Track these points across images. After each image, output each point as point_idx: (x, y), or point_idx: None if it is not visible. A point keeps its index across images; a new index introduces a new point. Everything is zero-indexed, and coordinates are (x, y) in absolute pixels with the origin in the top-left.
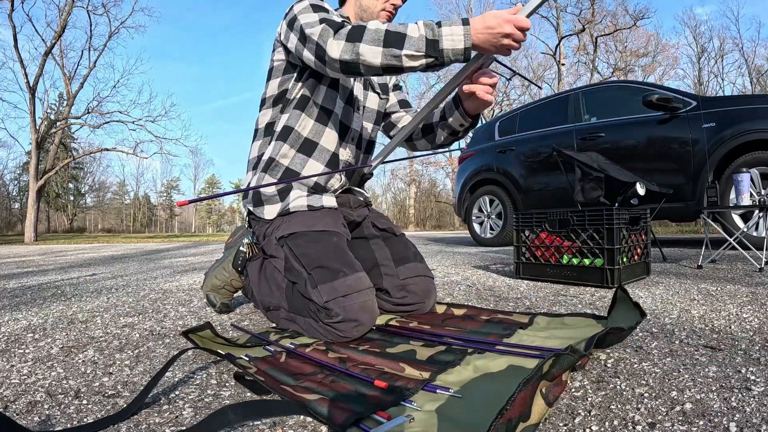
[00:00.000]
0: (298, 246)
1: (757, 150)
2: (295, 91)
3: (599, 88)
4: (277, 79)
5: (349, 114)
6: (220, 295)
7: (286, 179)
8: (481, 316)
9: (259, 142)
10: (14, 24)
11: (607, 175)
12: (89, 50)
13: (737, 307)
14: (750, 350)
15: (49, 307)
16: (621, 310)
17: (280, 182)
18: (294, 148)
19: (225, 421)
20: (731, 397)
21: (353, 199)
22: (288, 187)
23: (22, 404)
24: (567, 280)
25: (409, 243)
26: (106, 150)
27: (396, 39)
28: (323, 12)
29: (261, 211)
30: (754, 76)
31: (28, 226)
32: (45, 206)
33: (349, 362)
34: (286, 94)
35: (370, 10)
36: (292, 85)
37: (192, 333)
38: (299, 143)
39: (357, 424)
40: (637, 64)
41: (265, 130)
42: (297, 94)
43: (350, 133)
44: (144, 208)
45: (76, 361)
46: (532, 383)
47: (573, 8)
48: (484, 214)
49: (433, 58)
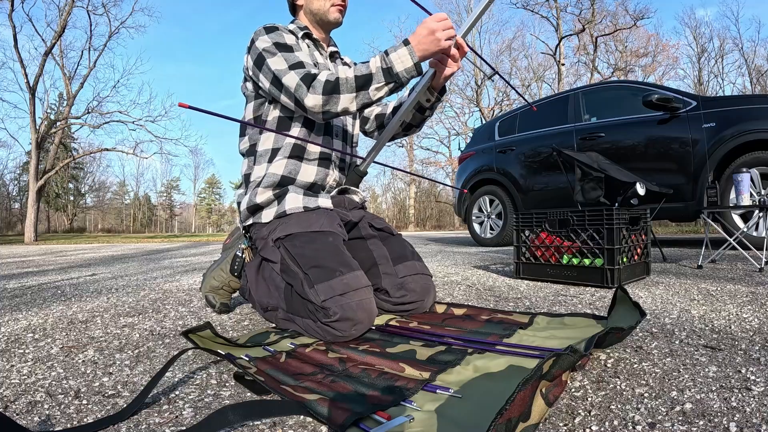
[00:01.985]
0: (295, 246)
1: (757, 150)
2: (270, 114)
3: (599, 88)
4: (251, 104)
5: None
6: (218, 295)
7: (282, 185)
8: (481, 316)
9: (246, 160)
10: (14, 24)
11: (607, 175)
12: (89, 50)
13: (737, 307)
14: (750, 350)
15: (49, 307)
16: (621, 310)
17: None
18: (285, 156)
19: (225, 421)
20: (731, 397)
21: (348, 200)
22: (284, 191)
23: (22, 404)
24: (567, 280)
25: (407, 242)
26: (106, 150)
27: (364, 81)
28: (286, 51)
29: (258, 217)
30: (754, 76)
31: (28, 226)
32: (45, 206)
33: (349, 362)
34: (262, 116)
35: (321, 12)
36: (266, 107)
37: (192, 333)
38: (288, 151)
39: (357, 424)
40: (637, 64)
41: (248, 150)
42: (272, 116)
43: (334, 130)
44: (144, 208)
45: (76, 361)
46: (531, 383)
47: (573, 8)
48: (484, 214)
49: (393, 83)
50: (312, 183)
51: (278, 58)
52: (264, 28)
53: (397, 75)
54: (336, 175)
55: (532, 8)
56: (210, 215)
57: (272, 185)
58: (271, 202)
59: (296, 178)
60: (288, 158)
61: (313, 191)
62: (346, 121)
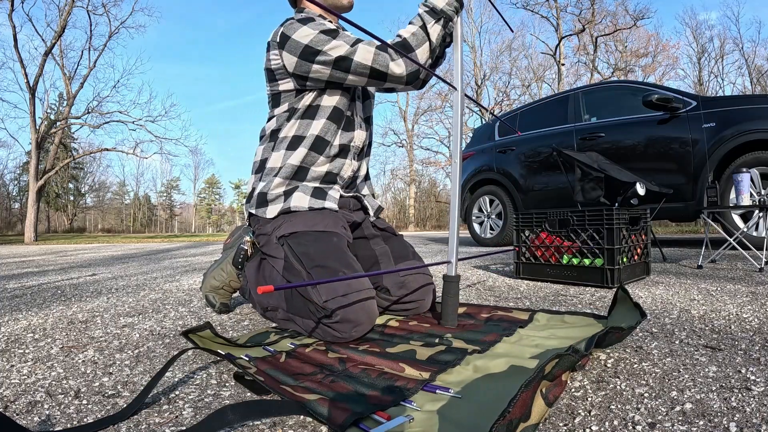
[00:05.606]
0: (299, 245)
1: (757, 150)
2: (301, 103)
3: (599, 88)
4: (287, 102)
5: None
6: (218, 295)
7: (295, 177)
8: (481, 314)
9: (265, 145)
10: (14, 24)
11: (607, 175)
12: (89, 50)
13: (737, 307)
14: (750, 350)
15: (49, 307)
16: (621, 309)
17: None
18: (306, 147)
19: (225, 421)
20: (731, 397)
21: (353, 202)
22: (293, 188)
23: (22, 404)
24: (567, 280)
25: (408, 243)
26: (106, 150)
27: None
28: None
29: (263, 211)
30: (754, 76)
31: (28, 226)
32: (45, 206)
33: (349, 362)
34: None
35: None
36: (296, 100)
37: (192, 333)
38: (310, 142)
39: (357, 424)
40: (637, 64)
41: (270, 135)
42: (303, 105)
43: (356, 121)
44: (144, 208)
45: (76, 361)
46: (533, 384)
47: (573, 8)
48: (484, 214)
49: (441, 18)
50: (327, 172)
51: (337, 41)
52: (297, 21)
53: (442, 11)
54: (354, 164)
55: (532, 8)
56: (210, 215)
57: (288, 176)
58: (278, 197)
59: (312, 168)
60: (309, 150)
61: (328, 182)
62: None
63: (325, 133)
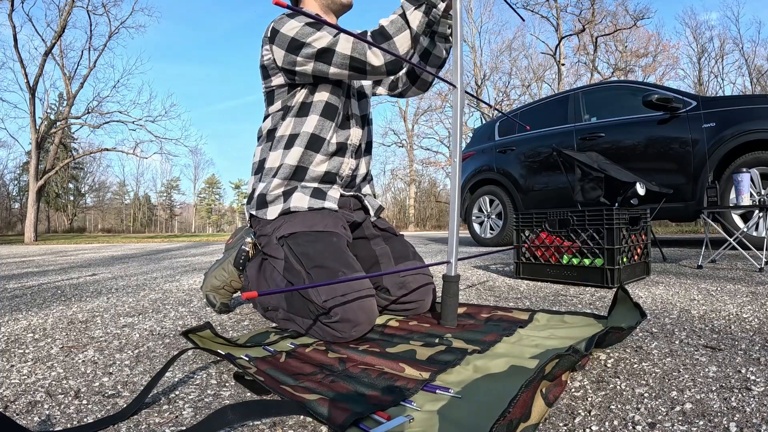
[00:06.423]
0: (299, 245)
1: (757, 150)
2: (293, 101)
3: (599, 88)
4: (279, 99)
5: (346, 100)
6: (219, 295)
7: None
8: (481, 314)
9: (263, 145)
10: (14, 24)
11: (607, 175)
12: (89, 50)
13: (737, 307)
14: (750, 350)
15: (49, 307)
16: (621, 310)
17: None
18: (302, 146)
19: (225, 421)
20: (731, 397)
21: (353, 202)
22: (292, 188)
23: (22, 404)
24: (567, 280)
25: (408, 243)
26: (106, 150)
27: (399, 16)
28: (315, 26)
29: (264, 213)
30: (754, 76)
31: (28, 226)
32: (45, 206)
33: (349, 362)
34: (287, 104)
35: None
36: (288, 97)
37: (192, 333)
38: (305, 140)
39: (357, 424)
40: (637, 64)
41: (267, 135)
42: (296, 103)
43: (352, 116)
44: (144, 208)
45: (76, 361)
46: (534, 384)
47: (573, 8)
48: (484, 214)
49: (422, 4)
50: (325, 172)
51: (320, 33)
52: (287, 15)
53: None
54: (352, 163)
55: (532, 8)
56: (210, 215)
57: (286, 177)
58: (278, 198)
59: (310, 167)
60: (305, 148)
61: (327, 182)
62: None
63: (319, 130)
